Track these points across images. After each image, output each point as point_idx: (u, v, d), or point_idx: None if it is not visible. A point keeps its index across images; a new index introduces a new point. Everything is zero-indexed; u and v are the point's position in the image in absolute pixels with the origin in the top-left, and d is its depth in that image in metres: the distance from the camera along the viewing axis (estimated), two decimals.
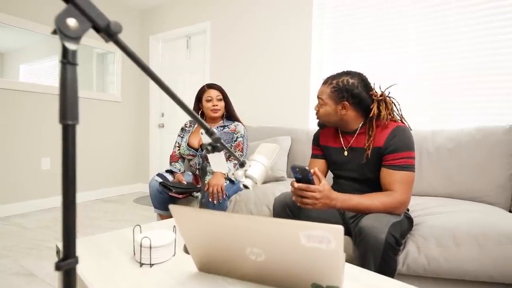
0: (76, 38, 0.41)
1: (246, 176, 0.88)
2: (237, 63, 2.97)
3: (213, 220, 0.66)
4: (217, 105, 1.89)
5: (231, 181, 1.79)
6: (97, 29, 0.45)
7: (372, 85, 1.21)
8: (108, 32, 0.45)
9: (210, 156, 0.90)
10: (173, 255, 0.89)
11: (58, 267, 0.39)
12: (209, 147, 0.79)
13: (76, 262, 0.41)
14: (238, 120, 2.00)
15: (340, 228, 0.55)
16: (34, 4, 2.79)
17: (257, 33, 2.82)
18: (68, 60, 0.40)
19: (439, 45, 2.00)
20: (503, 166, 1.54)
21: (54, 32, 0.41)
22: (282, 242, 0.61)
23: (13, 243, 2.00)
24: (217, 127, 1.92)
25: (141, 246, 0.82)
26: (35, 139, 2.85)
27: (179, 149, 1.97)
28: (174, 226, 0.95)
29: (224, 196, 1.65)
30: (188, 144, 1.91)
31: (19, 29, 2.71)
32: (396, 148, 1.10)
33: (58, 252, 0.94)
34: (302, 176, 1.02)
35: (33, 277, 1.56)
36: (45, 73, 2.94)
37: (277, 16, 2.70)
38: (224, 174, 1.74)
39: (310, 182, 1.02)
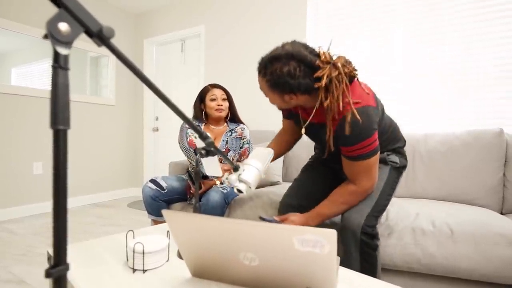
0: (67, 43, 0.41)
1: (240, 181, 0.87)
2: (232, 66, 2.98)
3: (206, 225, 0.65)
4: (222, 105, 1.83)
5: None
6: (90, 34, 0.45)
7: (318, 49, 0.98)
8: (101, 37, 0.45)
9: (204, 160, 0.89)
10: (167, 261, 0.88)
11: (48, 274, 0.39)
12: (203, 151, 0.79)
13: (67, 269, 0.40)
14: (241, 122, 1.96)
15: (333, 232, 0.55)
16: (26, 7, 2.77)
17: (251, 37, 2.84)
18: (59, 64, 0.40)
19: (431, 49, 2.03)
20: (494, 169, 1.56)
21: (46, 37, 0.40)
22: (275, 247, 0.61)
23: (3, 250, 1.96)
24: (226, 133, 1.87)
25: (134, 251, 0.81)
26: (27, 143, 2.81)
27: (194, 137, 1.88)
28: (168, 231, 0.94)
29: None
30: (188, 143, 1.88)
31: (11, 32, 2.68)
32: (347, 142, 1.00)
33: (49, 258, 0.92)
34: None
35: (24, 284, 1.53)
36: (37, 76, 2.91)
37: (271, 20, 2.71)
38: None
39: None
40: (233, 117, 1.95)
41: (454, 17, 1.94)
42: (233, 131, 1.89)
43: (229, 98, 1.91)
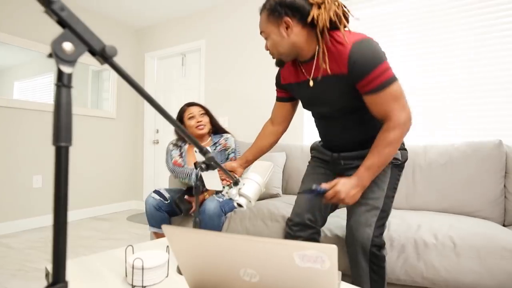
0: (71, 62, 0.42)
1: (240, 195, 0.87)
2: (232, 80, 3.01)
3: (207, 241, 0.65)
4: (201, 121, 1.84)
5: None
6: (93, 53, 0.46)
7: None
8: (104, 56, 0.46)
9: (204, 174, 0.90)
10: (166, 276, 0.87)
11: None
12: (203, 166, 0.79)
13: (66, 286, 0.40)
14: (225, 131, 1.96)
15: (334, 248, 0.55)
16: (29, 22, 2.82)
17: (251, 50, 2.88)
18: (63, 83, 0.41)
19: (431, 61, 2.05)
20: (495, 180, 1.56)
21: (50, 56, 0.41)
22: (276, 263, 0.60)
23: None
24: (209, 147, 1.88)
25: (133, 267, 0.80)
26: (27, 156, 2.81)
27: (180, 158, 1.89)
28: (167, 246, 0.93)
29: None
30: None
31: (14, 46, 2.73)
32: (365, 72, 0.95)
33: (47, 274, 0.91)
34: (315, 194, 1.01)
35: None
36: (39, 90, 2.94)
37: None
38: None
39: (325, 192, 1.00)
40: (216, 130, 1.95)
41: (453, 29, 1.98)
42: (216, 144, 1.89)
43: (207, 113, 1.91)
